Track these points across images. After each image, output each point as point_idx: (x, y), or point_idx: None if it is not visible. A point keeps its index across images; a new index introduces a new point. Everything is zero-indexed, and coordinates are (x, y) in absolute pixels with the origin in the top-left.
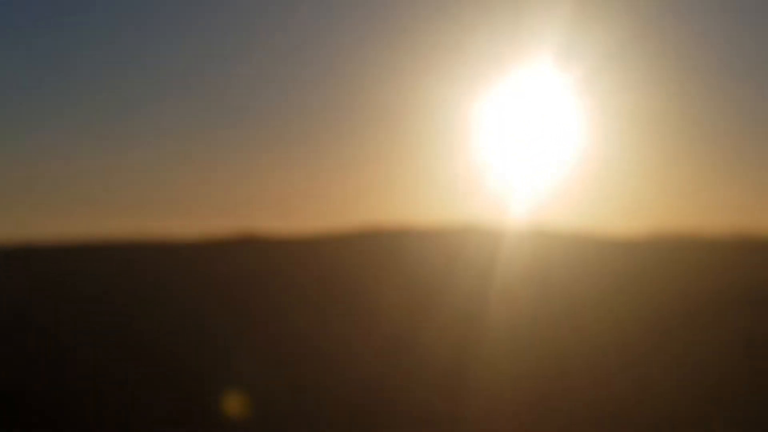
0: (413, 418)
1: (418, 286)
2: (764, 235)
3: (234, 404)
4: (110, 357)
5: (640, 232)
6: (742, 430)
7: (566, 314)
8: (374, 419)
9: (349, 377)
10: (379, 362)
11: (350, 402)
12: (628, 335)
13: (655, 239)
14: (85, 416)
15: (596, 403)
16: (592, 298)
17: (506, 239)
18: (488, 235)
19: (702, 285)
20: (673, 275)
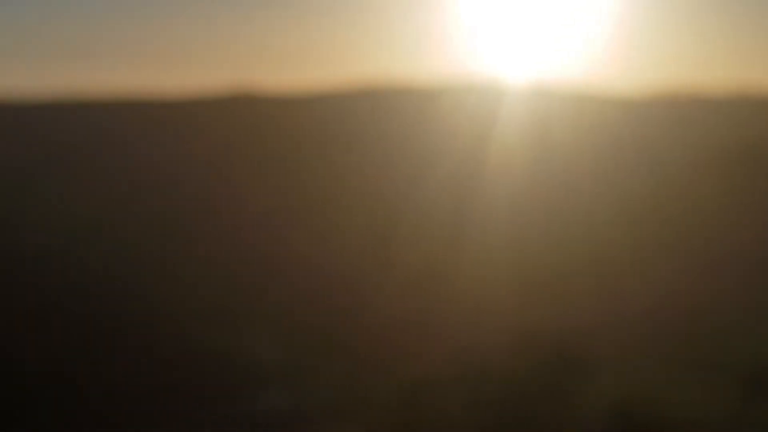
0: (412, 268)
1: (417, 146)
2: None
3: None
4: (102, 212)
5: (644, 92)
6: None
7: (567, 178)
8: (374, 270)
9: (345, 239)
10: (377, 225)
11: (347, 255)
12: (633, 199)
13: (659, 98)
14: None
15: (597, 265)
16: (594, 160)
17: (508, 98)
18: (489, 94)
19: (706, 143)
20: (678, 134)
